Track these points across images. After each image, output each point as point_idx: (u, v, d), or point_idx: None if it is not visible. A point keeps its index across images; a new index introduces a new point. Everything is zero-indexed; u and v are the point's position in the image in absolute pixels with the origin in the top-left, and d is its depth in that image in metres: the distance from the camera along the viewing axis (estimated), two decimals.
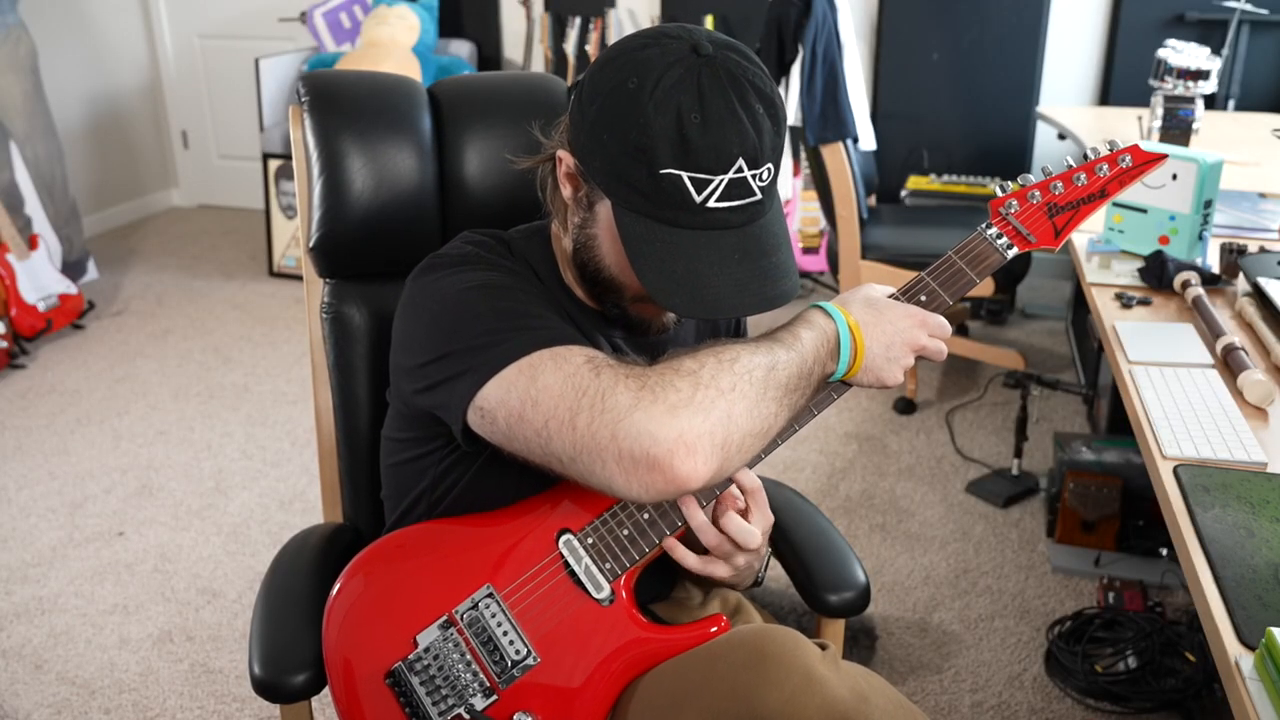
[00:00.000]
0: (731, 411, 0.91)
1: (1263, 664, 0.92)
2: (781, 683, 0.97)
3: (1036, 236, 1.11)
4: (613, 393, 0.91)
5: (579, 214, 1.06)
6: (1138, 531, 2.38)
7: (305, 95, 1.34)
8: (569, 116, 1.04)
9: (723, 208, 0.96)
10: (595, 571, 1.08)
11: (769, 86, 0.98)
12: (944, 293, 1.10)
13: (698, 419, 0.89)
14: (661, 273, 0.97)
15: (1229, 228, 2.17)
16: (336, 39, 4.46)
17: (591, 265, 1.07)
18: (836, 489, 2.75)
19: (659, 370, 0.93)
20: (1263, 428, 1.39)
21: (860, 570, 1.28)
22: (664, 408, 0.89)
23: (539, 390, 0.94)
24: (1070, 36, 3.96)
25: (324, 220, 1.33)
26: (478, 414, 0.99)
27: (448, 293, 1.04)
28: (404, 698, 1.06)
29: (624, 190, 0.98)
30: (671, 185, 0.95)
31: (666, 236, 0.97)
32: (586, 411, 0.91)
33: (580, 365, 0.94)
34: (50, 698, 2.03)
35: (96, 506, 2.69)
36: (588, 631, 1.07)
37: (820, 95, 3.10)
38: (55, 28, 4.59)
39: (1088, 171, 1.11)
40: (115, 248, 4.73)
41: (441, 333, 1.02)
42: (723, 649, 1.03)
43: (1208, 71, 2.72)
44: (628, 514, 1.09)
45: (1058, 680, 2.04)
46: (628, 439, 0.89)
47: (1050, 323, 3.84)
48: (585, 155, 1.01)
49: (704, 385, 0.91)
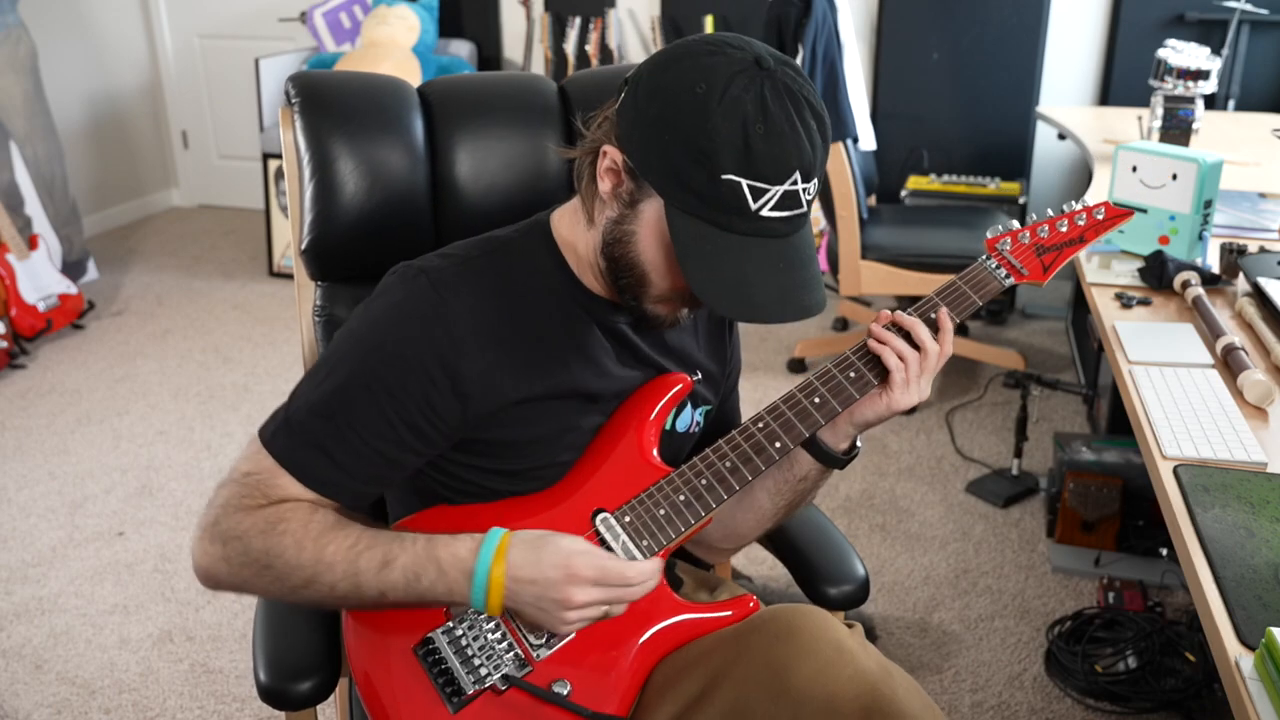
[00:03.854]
0: (259, 589, 1.06)
1: (1263, 664, 0.92)
2: (814, 654, 1.01)
3: (1028, 271, 1.23)
4: (221, 501, 1.06)
5: (616, 209, 1.06)
6: (1138, 531, 2.38)
7: (295, 97, 1.33)
8: (618, 111, 1.05)
9: (774, 217, 1.00)
10: (632, 548, 1.10)
11: (820, 104, 1.03)
12: (953, 311, 1.18)
13: (221, 572, 1.05)
14: (711, 274, 1.00)
15: (1229, 228, 2.17)
16: (336, 39, 4.46)
17: (625, 260, 1.07)
18: (836, 489, 2.75)
19: (271, 526, 1.04)
20: (1263, 428, 1.39)
21: (859, 563, 1.30)
22: (208, 537, 1.05)
23: (243, 459, 1.08)
24: (1070, 36, 3.95)
25: (315, 223, 1.32)
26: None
27: (339, 343, 1.11)
28: (436, 667, 1.06)
29: (680, 191, 1.00)
30: (730, 191, 0.98)
31: (718, 239, 1.00)
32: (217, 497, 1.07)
33: (249, 472, 1.06)
34: (50, 698, 2.03)
35: (96, 506, 2.69)
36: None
37: (820, 95, 3.10)
38: (55, 28, 4.59)
39: (1069, 220, 1.26)
40: (115, 248, 4.73)
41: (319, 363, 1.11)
42: (755, 625, 1.08)
43: (1208, 71, 2.72)
44: (664, 495, 1.12)
45: (1058, 680, 2.04)
46: (197, 536, 1.06)
47: (1050, 323, 3.84)
48: (639, 153, 1.02)
49: (260, 565, 1.04)
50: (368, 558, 1.03)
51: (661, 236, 1.03)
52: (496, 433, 1.11)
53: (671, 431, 1.21)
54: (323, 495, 1.06)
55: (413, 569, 1.02)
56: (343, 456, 1.05)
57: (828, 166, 3.30)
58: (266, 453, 1.05)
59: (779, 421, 1.13)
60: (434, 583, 1.02)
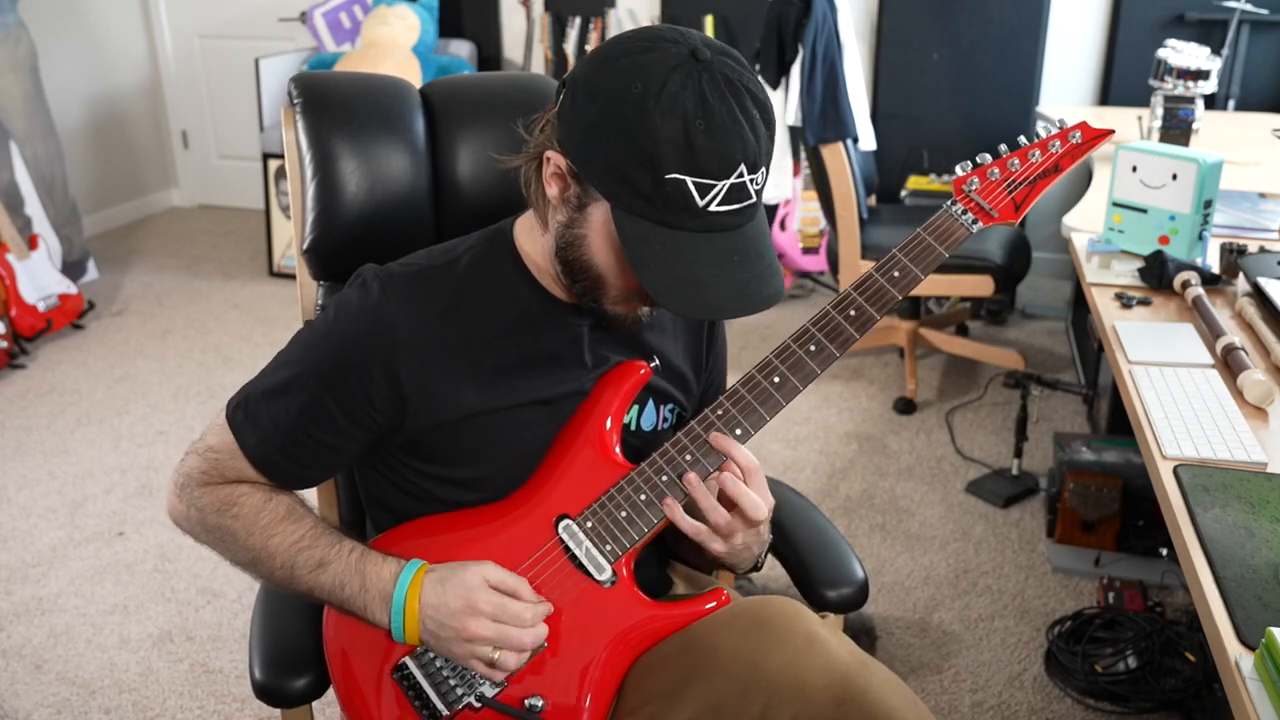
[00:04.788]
0: (217, 551, 1.15)
1: (1263, 664, 0.92)
2: (784, 645, 1.01)
3: (998, 211, 1.16)
4: (187, 470, 1.15)
5: (565, 213, 1.06)
6: (1138, 531, 2.38)
7: (297, 97, 1.34)
8: (558, 115, 1.04)
9: (723, 211, 0.98)
10: (596, 554, 1.09)
11: (762, 92, 1.00)
12: (915, 268, 1.13)
13: (184, 526, 1.17)
14: (663, 274, 0.99)
15: (1229, 228, 2.17)
16: (336, 39, 4.46)
17: (579, 264, 1.07)
18: (836, 489, 2.75)
19: (235, 500, 1.12)
20: (1263, 428, 1.39)
21: (858, 566, 1.29)
22: (176, 494, 1.16)
23: (210, 430, 1.15)
24: (1070, 36, 3.96)
25: (318, 222, 1.32)
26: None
27: (300, 334, 1.16)
28: (412, 691, 1.07)
29: (625, 193, 0.98)
30: (675, 190, 0.96)
31: (668, 239, 0.98)
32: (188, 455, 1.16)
33: (212, 447, 1.13)
34: (50, 698, 2.03)
35: (96, 506, 2.69)
36: (592, 613, 1.09)
37: (820, 95, 3.10)
38: (55, 28, 4.59)
39: (1041, 148, 1.17)
40: (115, 248, 4.73)
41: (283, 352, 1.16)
42: (724, 619, 1.07)
43: (1208, 71, 2.72)
44: (624, 496, 1.10)
45: (1058, 680, 2.04)
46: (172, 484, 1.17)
47: (1050, 323, 3.84)
48: (581, 156, 1.01)
49: (229, 534, 1.12)
50: (306, 556, 1.09)
51: (611, 239, 1.02)
52: (446, 441, 1.12)
53: (638, 431, 1.19)
54: (265, 475, 1.12)
55: (340, 578, 1.08)
56: (288, 443, 1.11)
57: (827, 167, 3.31)
58: (229, 429, 1.12)
59: (738, 407, 1.10)
60: (355, 595, 1.08)
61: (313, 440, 1.11)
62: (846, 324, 1.11)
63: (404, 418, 1.10)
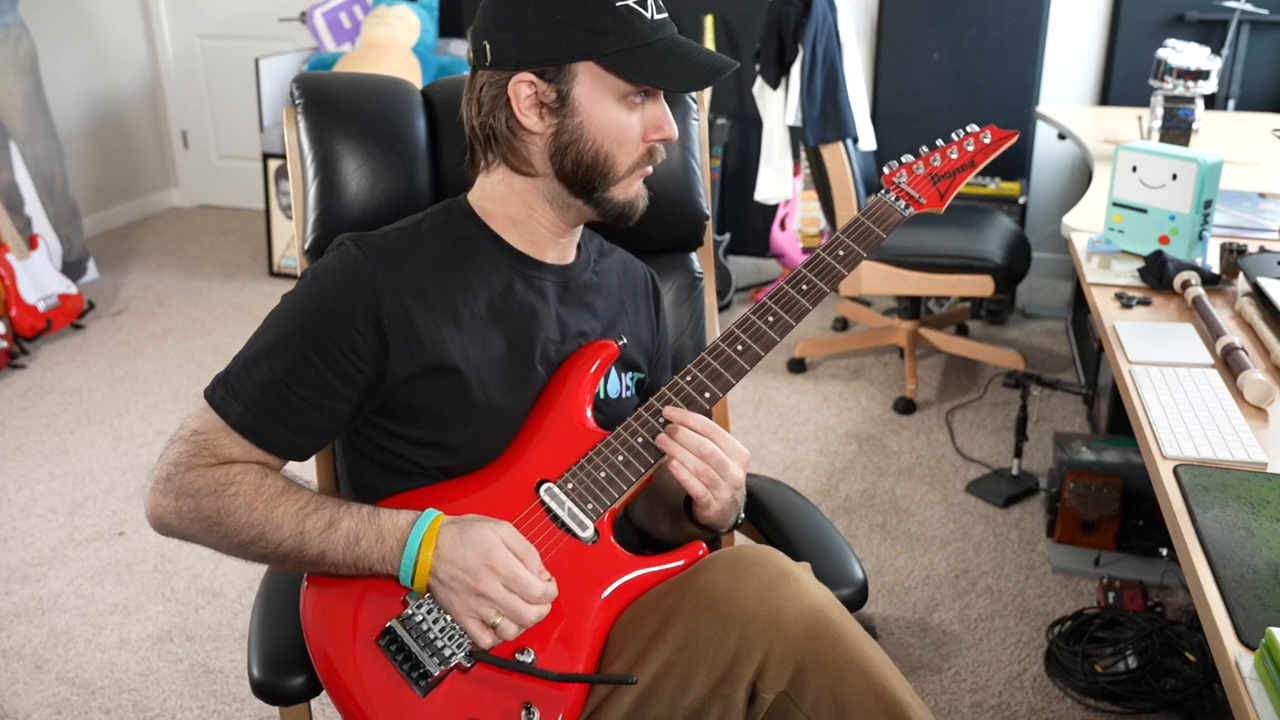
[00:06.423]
0: (206, 543, 1.12)
1: (1263, 664, 0.92)
2: (758, 576, 1.07)
3: (926, 199, 1.31)
4: (172, 458, 1.11)
5: (552, 121, 1.14)
6: (1138, 531, 2.38)
7: (299, 97, 1.34)
8: (494, 62, 1.13)
9: (662, 19, 1.15)
10: (578, 512, 1.14)
11: None
12: (858, 247, 1.25)
13: (171, 523, 1.11)
14: (661, 70, 1.13)
15: (1229, 228, 2.17)
16: (336, 39, 4.46)
17: (583, 157, 1.15)
18: (836, 489, 2.75)
19: (223, 479, 1.10)
20: (1263, 428, 1.39)
21: (858, 566, 1.29)
22: (160, 490, 1.11)
23: (192, 417, 1.14)
24: (1070, 36, 3.96)
25: (319, 222, 1.33)
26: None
27: (277, 306, 1.19)
28: (399, 654, 1.07)
29: (596, 41, 1.11)
30: (627, 11, 1.11)
31: (648, 53, 1.13)
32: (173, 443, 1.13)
33: (197, 430, 1.12)
34: (50, 698, 2.03)
35: (96, 506, 2.69)
36: (577, 568, 1.12)
37: (820, 95, 3.10)
38: (55, 28, 4.59)
39: (958, 147, 1.34)
40: (115, 248, 4.73)
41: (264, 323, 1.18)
42: (703, 563, 1.12)
43: (1208, 71, 2.72)
44: (603, 458, 1.15)
45: (1058, 680, 2.04)
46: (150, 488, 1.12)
47: (1050, 323, 3.84)
48: (544, 50, 1.11)
49: (211, 514, 1.09)
50: (315, 519, 1.09)
51: (603, 98, 1.13)
52: (427, 396, 1.16)
53: (606, 399, 1.25)
54: (258, 447, 1.12)
55: (354, 532, 1.08)
56: (276, 406, 1.11)
57: (827, 167, 3.31)
58: (210, 408, 1.12)
59: (705, 372, 1.19)
60: (371, 547, 1.08)
61: (299, 399, 1.12)
62: (800, 297, 1.22)
63: (386, 365, 1.13)
